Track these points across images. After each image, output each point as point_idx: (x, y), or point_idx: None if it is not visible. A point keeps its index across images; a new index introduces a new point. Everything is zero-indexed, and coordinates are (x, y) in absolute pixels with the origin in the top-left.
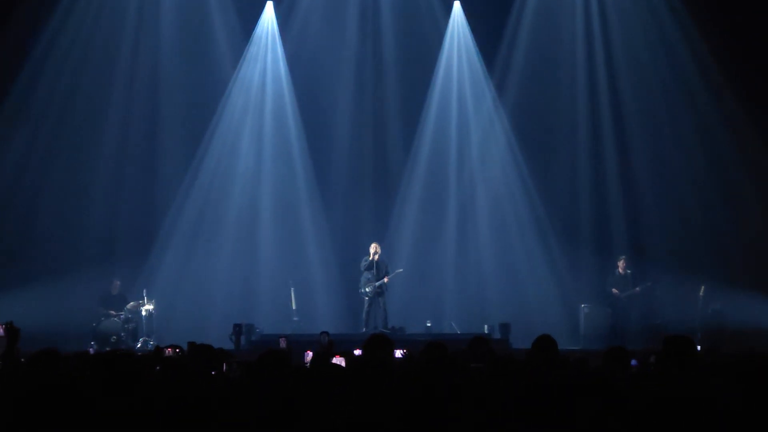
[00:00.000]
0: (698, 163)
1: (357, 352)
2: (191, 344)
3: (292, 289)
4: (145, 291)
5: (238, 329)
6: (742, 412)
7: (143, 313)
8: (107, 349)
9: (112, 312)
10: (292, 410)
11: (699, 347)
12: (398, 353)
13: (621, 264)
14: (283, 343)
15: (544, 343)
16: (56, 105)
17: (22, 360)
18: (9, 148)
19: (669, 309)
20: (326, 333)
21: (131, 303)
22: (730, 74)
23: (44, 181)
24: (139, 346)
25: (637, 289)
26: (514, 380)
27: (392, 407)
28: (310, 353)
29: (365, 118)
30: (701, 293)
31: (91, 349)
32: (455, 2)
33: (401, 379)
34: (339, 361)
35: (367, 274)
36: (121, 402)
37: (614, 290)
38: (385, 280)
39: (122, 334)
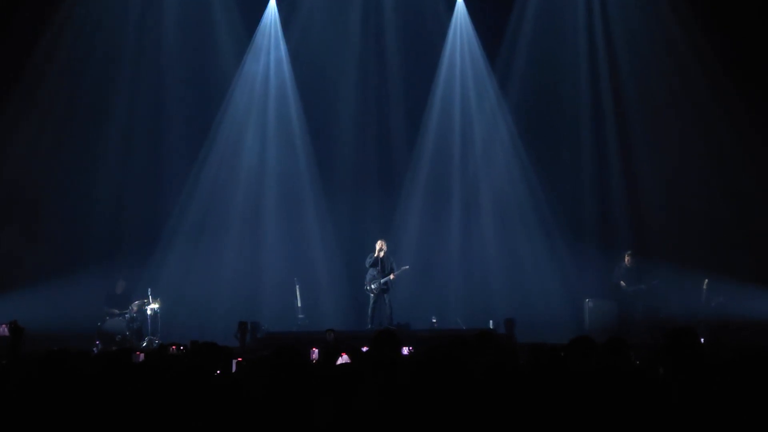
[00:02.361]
0: (701, 156)
1: (364, 349)
2: (193, 343)
3: (297, 286)
4: (149, 290)
5: (243, 327)
6: (745, 406)
7: (148, 312)
8: (113, 348)
9: (117, 311)
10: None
11: (702, 340)
12: (404, 350)
13: (627, 258)
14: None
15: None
16: (60, 102)
17: (29, 358)
18: (14, 146)
19: (672, 302)
20: (332, 330)
21: (136, 302)
22: (733, 70)
23: (49, 179)
24: (144, 345)
25: (643, 287)
26: (519, 374)
27: (401, 401)
28: (316, 350)
29: (369, 114)
30: (704, 286)
31: (95, 349)
32: None
33: (409, 374)
34: (344, 359)
35: (372, 271)
36: (122, 399)
37: (622, 283)
38: (391, 276)
39: (127, 333)
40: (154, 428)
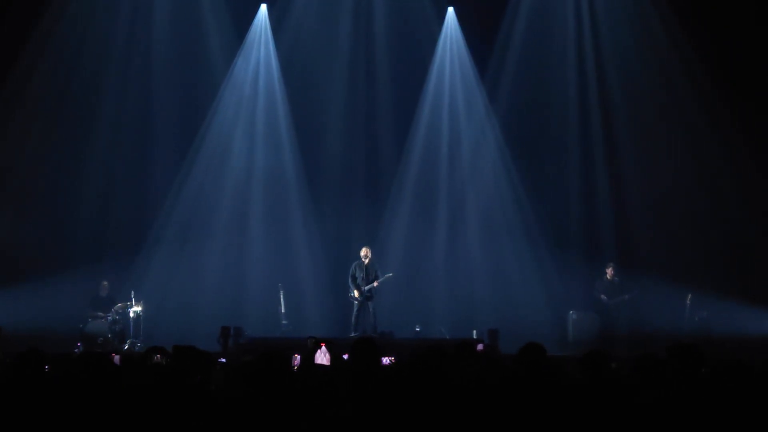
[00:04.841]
0: (686, 170)
1: (346, 357)
2: (176, 347)
3: (282, 292)
4: (133, 292)
5: (226, 332)
6: (727, 419)
7: (131, 314)
8: (96, 351)
9: (100, 313)
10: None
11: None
12: (385, 360)
13: (609, 271)
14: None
15: (532, 350)
16: (47, 105)
17: (7, 360)
18: None
19: (656, 316)
20: (314, 338)
21: (119, 304)
22: (719, 81)
23: (34, 179)
24: (126, 348)
25: (626, 296)
26: (501, 383)
27: (377, 412)
28: (298, 357)
29: (357, 122)
30: (688, 301)
31: (76, 350)
32: (449, 8)
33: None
34: (324, 352)
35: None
36: (102, 401)
37: (603, 296)
38: (375, 284)
39: (109, 335)
40: None
